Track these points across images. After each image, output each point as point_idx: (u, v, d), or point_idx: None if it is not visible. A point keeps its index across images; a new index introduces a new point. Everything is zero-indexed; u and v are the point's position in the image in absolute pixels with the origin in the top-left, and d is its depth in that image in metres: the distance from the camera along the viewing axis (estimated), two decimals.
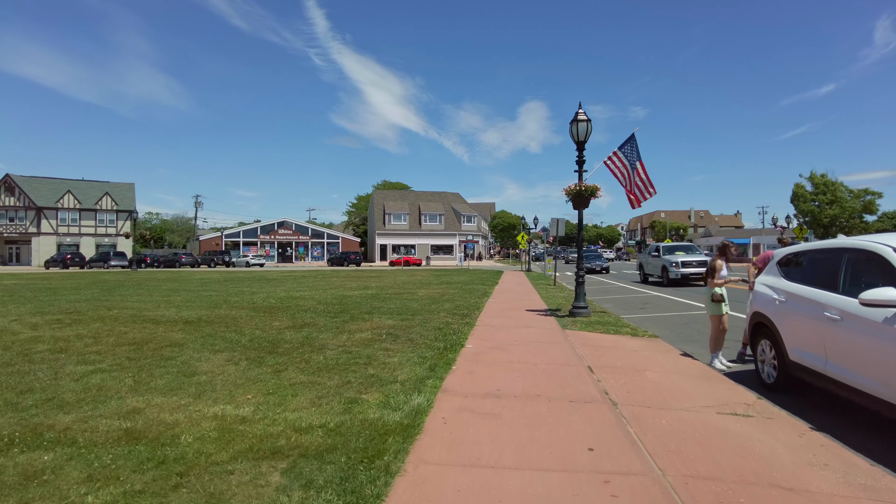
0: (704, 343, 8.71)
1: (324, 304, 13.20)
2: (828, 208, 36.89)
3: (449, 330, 8.69)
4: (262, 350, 6.96)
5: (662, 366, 6.49)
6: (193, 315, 10.75)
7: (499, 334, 8.51)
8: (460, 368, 5.91)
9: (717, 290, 7.12)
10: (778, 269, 6.02)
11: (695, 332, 9.97)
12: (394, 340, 7.64)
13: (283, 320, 9.95)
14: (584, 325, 9.62)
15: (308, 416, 4.19)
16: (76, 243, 57.41)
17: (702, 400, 4.98)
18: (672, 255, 22.10)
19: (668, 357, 7.14)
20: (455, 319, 10.15)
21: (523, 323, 9.97)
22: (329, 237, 68.25)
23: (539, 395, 4.91)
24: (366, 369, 5.81)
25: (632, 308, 14.11)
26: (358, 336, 8.01)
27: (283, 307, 12.38)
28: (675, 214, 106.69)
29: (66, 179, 59.80)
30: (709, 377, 5.99)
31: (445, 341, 7.58)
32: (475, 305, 12.96)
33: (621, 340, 8.30)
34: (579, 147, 11.02)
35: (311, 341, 7.61)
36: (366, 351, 6.84)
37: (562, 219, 23.11)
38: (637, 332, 9.12)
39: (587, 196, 10.66)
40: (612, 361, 6.58)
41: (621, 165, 10.87)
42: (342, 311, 11.52)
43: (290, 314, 10.89)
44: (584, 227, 47.45)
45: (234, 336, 8.09)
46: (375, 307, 12.24)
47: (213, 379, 5.43)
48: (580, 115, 10.97)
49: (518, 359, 6.53)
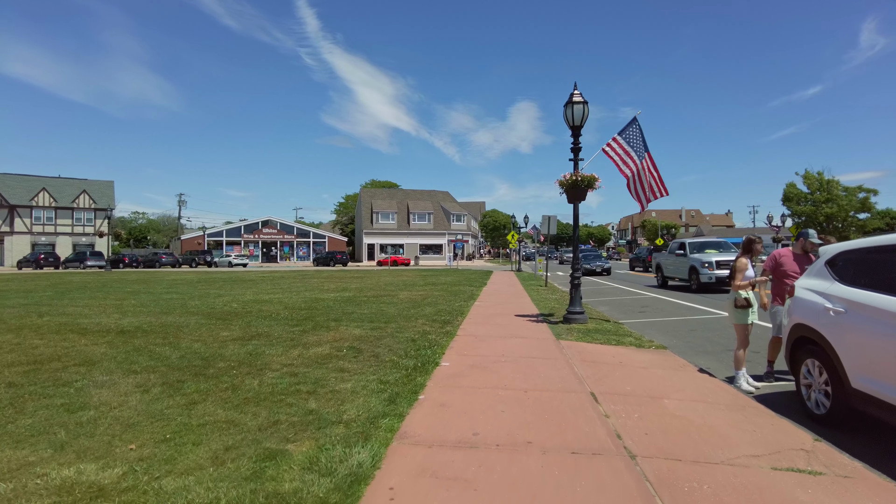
0: (719, 354, 7.53)
1: (291, 309, 11.85)
2: (825, 206, 36.07)
3: (424, 342, 7.40)
4: (190, 370, 5.63)
5: (681, 389, 5.26)
6: (134, 323, 9.36)
7: (483, 347, 7.24)
8: (429, 399, 4.62)
9: (741, 294, 5.90)
10: (828, 270, 4.80)
11: (705, 340, 8.79)
12: (355, 357, 6.34)
13: (234, 329, 8.60)
14: (582, 335, 8.39)
15: (196, 483, 2.89)
16: (52, 243, 55.29)
17: (746, 445, 3.74)
18: (702, 253, 18.29)
19: (685, 376, 5.91)
20: (434, 328, 8.87)
21: (512, 332, 8.71)
22: (315, 236, 66.60)
23: (530, 441, 3.64)
24: (307, 401, 4.50)
25: (630, 312, 12.92)
26: (313, 351, 6.69)
27: (243, 313, 11.01)
28: (666, 214, 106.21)
29: (41, 177, 57.62)
30: (742, 406, 4.76)
31: (417, 358, 6.29)
32: (459, 310, 11.68)
33: (626, 354, 7.07)
34: (575, 132, 9.78)
35: (255, 358, 6.28)
36: (316, 373, 5.53)
37: (553, 216, 21.93)
38: (642, 343, 7.91)
39: (584, 187, 9.42)
40: (619, 384, 5.33)
41: (624, 154, 9.64)
42: (308, 317, 10.18)
43: (245, 322, 9.54)
44: None
45: (166, 351, 6.74)
46: (347, 313, 10.92)
47: (102, 416, 4.11)
48: (575, 96, 9.73)
49: (504, 382, 5.26)
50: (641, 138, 9.63)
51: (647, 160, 9.48)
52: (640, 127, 9.75)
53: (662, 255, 22.06)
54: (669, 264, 20.31)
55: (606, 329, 9.08)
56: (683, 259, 18.90)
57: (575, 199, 9.62)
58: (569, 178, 9.39)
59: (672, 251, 20.54)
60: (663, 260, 21.24)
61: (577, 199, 9.63)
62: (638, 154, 9.61)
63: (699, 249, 18.86)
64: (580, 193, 9.52)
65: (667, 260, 20.77)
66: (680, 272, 19.14)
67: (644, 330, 9.74)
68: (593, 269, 29.36)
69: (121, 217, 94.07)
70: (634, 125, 9.82)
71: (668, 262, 20.46)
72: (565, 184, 9.46)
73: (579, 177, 9.31)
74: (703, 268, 17.30)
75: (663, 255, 21.87)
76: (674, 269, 19.83)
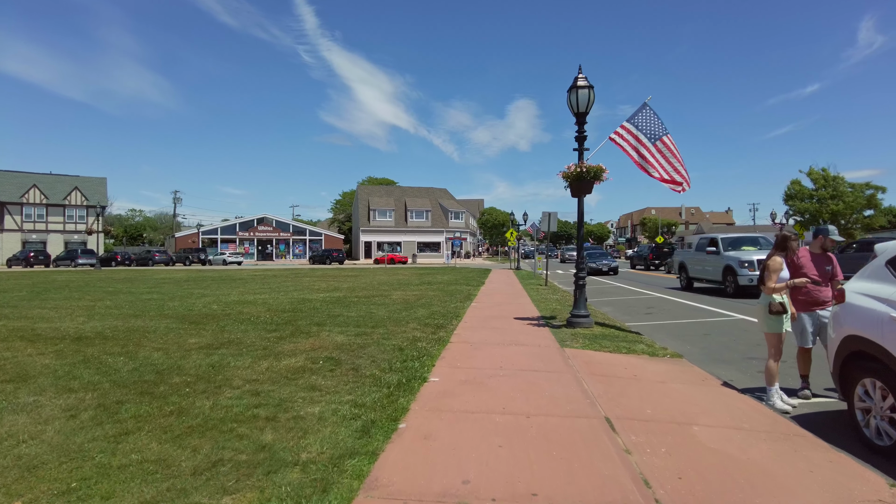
0: (739, 363, 6.76)
1: (274, 311, 11.04)
2: (831, 203, 35.26)
3: (413, 351, 6.60)
4: (136, 388, 4.83)
5: (709, 411, 4.47)
6: (98, 328, 8.54)
7: (478, 357, 6.44)
8: (412, 428, 3.82)
9: (775, 299, 5.10)
10: (891, 271, 4.01)
11: (721, 346, 8.03)
12: (331, 371, 5.53)
13: (204, 335, 7.79)
14: (588, 341, 7.60)
15: None
16: (43, 240, 54.34)
17: (805, 492, 2.96)
18: (739, 250, 15.54)
19: (709, 393, 5.13)
20: (425, 333, 8.07)
21: (511, 338, 7.91)
22: (311, 234, 65.71)
23: (535, 493, 2.84)
24: (262, 432, 3.70)
25: (636, 313, 12.15)
26: (285, 363, 5.89)
27: (221, 315, 10.20)
28: (666, 211, 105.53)
29: (31, 173, 56.62)
30: (786, 435, 3.97)
31: (403, 371, 5.49)
32: (454, 312, 10.88)
33: (639, 364, 6.29)
34: (579, 120, 8.97)
35: (216, 372, 5.48)
36: (282, 391, 4.73)
37: (554, 213, 21.13)
38: (655, 351, 7.13)
39: (590, 179, 8.60)
40: (637, 405, 4.54)
41: (634, 140, 8.82)
42: (289, 321, 9.37)
43: (220, 326, 8.72)
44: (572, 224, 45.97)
45: (118, 362, 5.93)
46: (332, 316, 10.11)
47: (1, 454, 3.31)
48: (580, 80, 8.92)
49: (502, 404, 4.46)
50: (656, 122, 8.80)
51: (664, 143, 8.64)
52: (653, 111, 8.93)
53: (687, 252, 19.33)
54: (696, 263, 17.59)
55: (614, 334, 8.29)
56: (716, 258, 16.19)
57: (580, 192, 8.82)
58: (573, 170, 8.58)
59: (700, 248, 17.67)
60: (688, 258, 18.44)
61: (582, 192, 8.83)
62: (651, 138, 8.78)
63: (734, 246, 16.13)
64: (586, 186, 8.71)
65: (693, 258, 17.94)
66: (710, 273, 16.53)
67: (653, 334, 8.97)
68: (599, 269, 27.22)
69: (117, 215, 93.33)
70: (646, 110, 9.01)
71: (696, 261, 17.70)
72: (570, 175, 8.65)
73: (585, 168, 8.50)
74: (742, 268, 14.65)
75: (688, 252, 19.15)
76: (702, 270, 17.21)
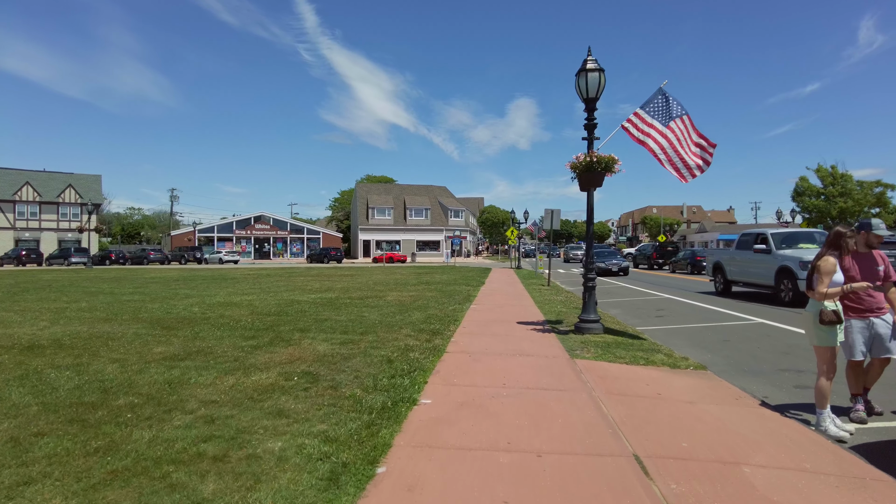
0: (771, 376, 6.00)
1: (258, 314, 10.24)
2: (839, 201, 34.43)
3: (404, 363, 5.81)
4: (68, 413, 4.04)
5: (758, 444, 3.68)
6: (58, 334, 7.75)
7: (478, 371, 5.65)
8: (393, 475, 3.02)
9: (827, 306, 4.30)
10: None
11: (745, 354, 7.26)
12: (306, 389, 4.73)
13: (173, 343, 7.00)
14: (601, 350, 6.81)
15: None
16: (36, 238, 53.58)
17: None
18: (796, 248, 12.95)
19: (750, 417, 4.35)
20: (420, 341, 7.28)
21: (514, 346, 7.12)
22: (309, 232, 64.88)
23: None
24: (203, 479, 2.91)
25: (646, 316, 11.36)
26: (255, 379, 5.09)
27: (199, 319, 9.41)
28: (667, 210, 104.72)
29: (24, 170, 55.80)
30: (862, 480, 3.18)
31: (389, 391, 4.69)
32: (452, 316, 10.09)
33: (661, 379, 5.50)
34: (589, 106, 8.18)
35: (172, 390, 4.68)
36: (242, 418, 3.94)
37: (557, 210, 20.35)
38: (676, 362, 6.34)
39: (600, 171, 7.80)
40: (668, 436, 3.75)
41: (647, 127, 8.02)
42: (271, 326, 8.57)
43: (194, 332, 7.93)
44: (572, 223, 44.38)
45: (63, 377, 5.14)
46: (320, 320, 9.31)
47: None
48: (589, 62, 8.13)
49: (506, 436, 3.67)
50: (674, 105, 8.01)
51: (680, 123, 7.86)
52: (668, 95, 8.13)
53: (723, 252, 16.62)
54: (738, 264, 15.01)
55: (628, 342, 7.50)
56: (765, 258, 13.49)
57: (589, 184, 8.02)
58: (583, 160, 7.78)
59: (742, 246, 15.00)
60: (726, 258, 15.80)
61: (592, 185, 8.03)
62: (663, 121, 7.98)
63: (789, 243, 13.47)
64: (596, 178, 7.91)
65: (734, 259, 15.31)
66: (759, 276, 13.87)
67: (669, 340, 8.20)
68: (609, 269, 25.48)
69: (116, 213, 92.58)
70: (660, 96, 8.21)
71: (737, 261, 15.10)
72: (578, 166, 7.85)
73: (595, 158, 7.70)
74: (803, 270, 11.71)
75: (725, 252, 16.51)
76: (746, 272, 14.67)
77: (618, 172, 7.87)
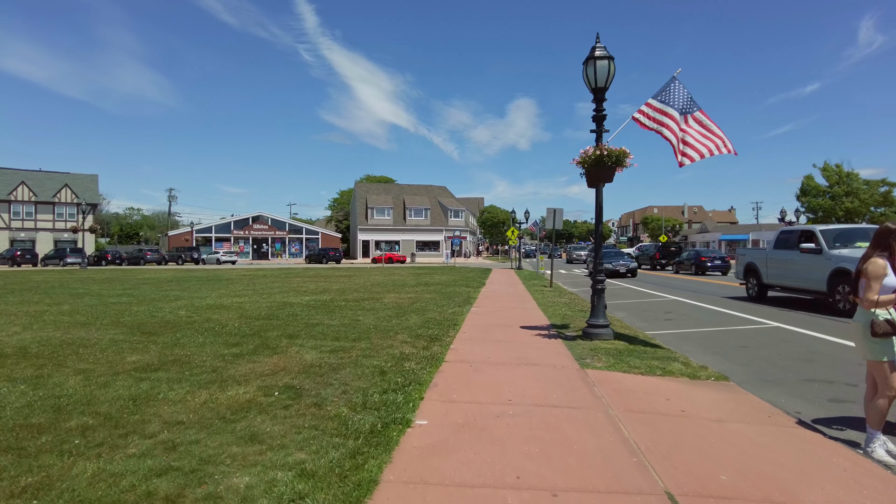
0: (797, 386, 5.51)
1: (246, 318, 9.70)
2: (845, 200, 33.89)
3: (398, 375, 5.27)
4: (4, 439, 3.50)
5: (806, 476, 3.15)
6: (24, 341, 7.20)
7: (479, 384, 5.11)
8: None
9: (879, 315, 3.77)
10: None
11: (764, 361, 6.77)
12: (286, 407, 4.19)
13: (150, 351, 6.46)
14: (613, 359, 6.28)
15: None
16: (32, 239, 53.01)
17: None
18: (852, 247, 11.06)
19: (788, 440, 3.82)
20: (416, 349, 6.74)
21: (518, 354, 6.58)
22: (308, 233, 64.34)
23: None
24: None
25: (654, 319, 10.83)
26: (231, 394, 4.55)
27: (184, 324, 8.86)
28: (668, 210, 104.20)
29: (19, 170, 55.21)
30: None
31: (380, 409, 4.15)
32: (452, 320, 9.55)
33: (682, 392, 4.97)
34: (597, 96, 7.65)
35: (135, 409, 4.15)
36: (209, 443, 3.40)
37: (559, 209, 19.76)
38: (695, 371, 5.82)
39: (611, 165, 7.26)
40: (704, 467, 3.22)
41: (661, 116, 7.48)
42: (258, 332, 8.03)
43: (174, 339, 7.39)
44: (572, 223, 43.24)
45: (14, 393, 4.59)
46: (311, 325, 8.77)
47: None
48: (598, 49, 7.60)
49: (514, 468, 3.13)
50: (687, 97, 7.49)
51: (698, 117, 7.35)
52: (682, 86, 7.61)
53: (758, 251, 14.51)
54: (780, 266, 12.81)
55: (641, 350, 6.97)
56: (815, 259, 11.49)
57: (599, 180, 7.48)
58: (592, 153, 7.24)
59: (783, 245, 12.85)
60: (761, 259, 13.61)
61: (601, 180, 7.50)
62: (681, 111, 7.46)
63: (843, 241, 11.43)
64: (605, 173, 7.37)
65: (773, 259, 13.10)
66: (806, 280, 11.82)
67: (681, 346, 7.69)
68: (616, 270, 24.21)
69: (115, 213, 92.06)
70: (674, 84, 7.68)
71: (778, 262, 12.89)
72: (587, 160, 7.30)
73: (606, 151, 7.16)
74: None
75: (760, 251, 14.40)
76: (789, 275, 12.58)
77: (629, 167, 7.34)
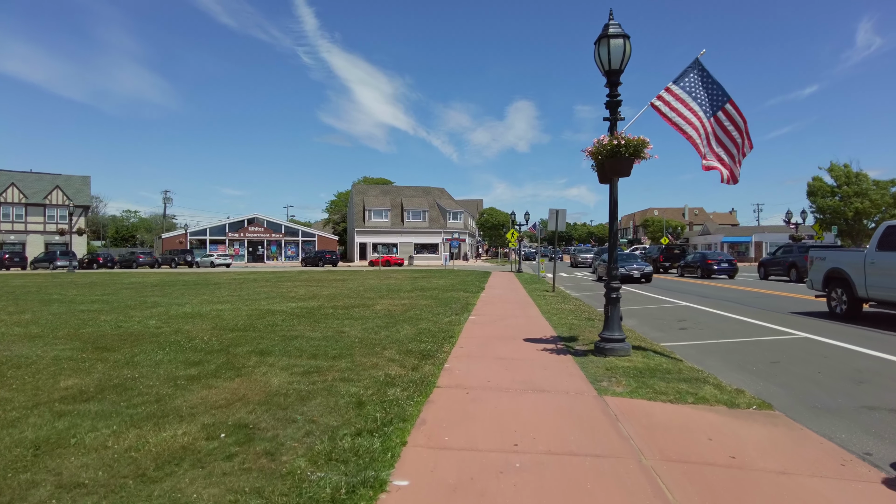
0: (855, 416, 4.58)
1: (220, 329, 8.76)
2: (855, 201, 33.02)
3: (377, 408, 4.32)
4: None
5: None
6: None
7: (478, 419, 4.17)
8: None
9: None
10: None
11: (805, 380, 5.87)
12: (230, 457, 3.25)
13: (94, 372, 5.52)
14: (634, 381, 5.35)
15: None
16: (22, 241, 51.99)
17: None
18: None
19: (878, 498, 2.90)
20: (404, 369, 5.80)
21: (524, 376, 5.64)
22: (305, 235, 63.38)
23: None
24: None
25: (668, 328, 9.91)
26: (166, 435, 3.61)
27: (148, 337, 7.92)
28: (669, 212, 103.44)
29: (9, 171, 54.26)
30: None
31: (348, 464, 3.20)
32: (447, 331, 8.62)
33: (725, 427, 4.04)
34: (611, 80, 6.73)
35: (31, 461, 3.20)
36: None
37: (562, 210, 18.84)
38: (732, 397, 4.90)
39: (628, 156, 6.32)
40: None
41: (682, 107, 6.58)
42: (228, 346, 7.09)
43: (131, 355, 6.45)
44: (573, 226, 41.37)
45: None
46: (289, 338, 7.83)
47: None
48: (612, 27, 6.70)
49: None
50: (713, 86, 6.60)
51: (726, 113, 6.46)
52: (707, 72, 6.71)
53: (847, 254, 11.37)
54: (883, 273, 9.70)
55: (662, 366, 6.04)
56: None
57: (614, 173, 6.55)
58: (606, 144, 6.31)
59: (888, 246, 9.71)
60: (853, 264, 10.60)
61: (616, 174, 6.57)
62: (705, 108, 6.59)
63: None
64: (622, 165, 6.43)
65: (875, 264, 9.89)
66: (885, 287, 9.66)
67: (703, 361, 6.80)
68: (630, 275, 22.19)
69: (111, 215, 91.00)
70: (696, 69, 6.79)
71: (882, 268, 9.73)
72: (601, 151, 6.37)
73: (622, 140, 6.24)
74: None
75: (850, 254, 11.25)
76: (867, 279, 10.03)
77: (648, 158, 6.42)
